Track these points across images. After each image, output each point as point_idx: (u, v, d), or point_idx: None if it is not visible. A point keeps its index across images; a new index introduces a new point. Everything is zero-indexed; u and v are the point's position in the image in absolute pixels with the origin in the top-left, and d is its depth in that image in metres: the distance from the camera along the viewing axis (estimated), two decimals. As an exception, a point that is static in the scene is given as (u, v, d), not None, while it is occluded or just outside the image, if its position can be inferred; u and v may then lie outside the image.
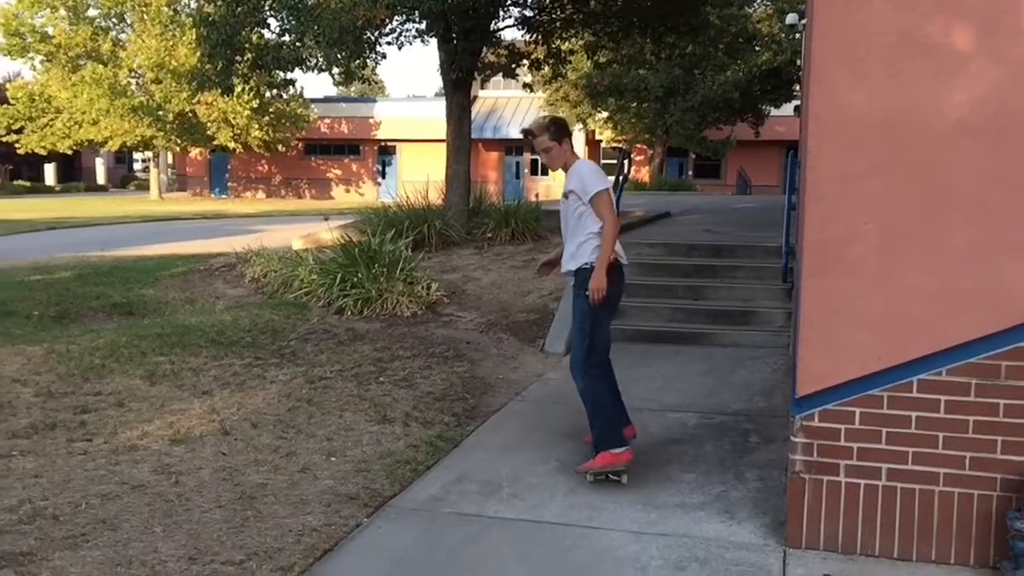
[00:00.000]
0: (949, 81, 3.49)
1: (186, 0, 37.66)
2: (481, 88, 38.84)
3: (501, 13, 12.70)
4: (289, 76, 28.28)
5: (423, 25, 12.34)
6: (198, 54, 19.00)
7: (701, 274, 9.11)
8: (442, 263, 10.49)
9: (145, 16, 37.26)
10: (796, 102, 28.58)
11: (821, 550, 3.77)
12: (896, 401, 3.64)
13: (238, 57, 12.67)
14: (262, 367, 6.70)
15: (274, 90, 35.50)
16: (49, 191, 47.41)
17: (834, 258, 3.65)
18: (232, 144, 38.46)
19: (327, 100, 45.93)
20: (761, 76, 29.43)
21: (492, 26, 12.42)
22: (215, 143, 38.71)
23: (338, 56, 12.58)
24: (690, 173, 40.28)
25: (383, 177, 43.81)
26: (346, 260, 9.12)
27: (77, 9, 38.31)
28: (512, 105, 40.14)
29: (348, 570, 3.67)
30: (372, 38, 12.23)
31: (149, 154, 43.47)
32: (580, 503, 4.33)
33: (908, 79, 3.52)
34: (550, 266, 5.21)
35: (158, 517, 4.02)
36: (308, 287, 9.24)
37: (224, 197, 44.57)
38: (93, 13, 39.05)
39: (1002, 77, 3.44)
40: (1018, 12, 3.41)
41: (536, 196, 23.95)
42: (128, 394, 5.94)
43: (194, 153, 44.10)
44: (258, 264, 10.75)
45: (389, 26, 12.33)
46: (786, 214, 8.79)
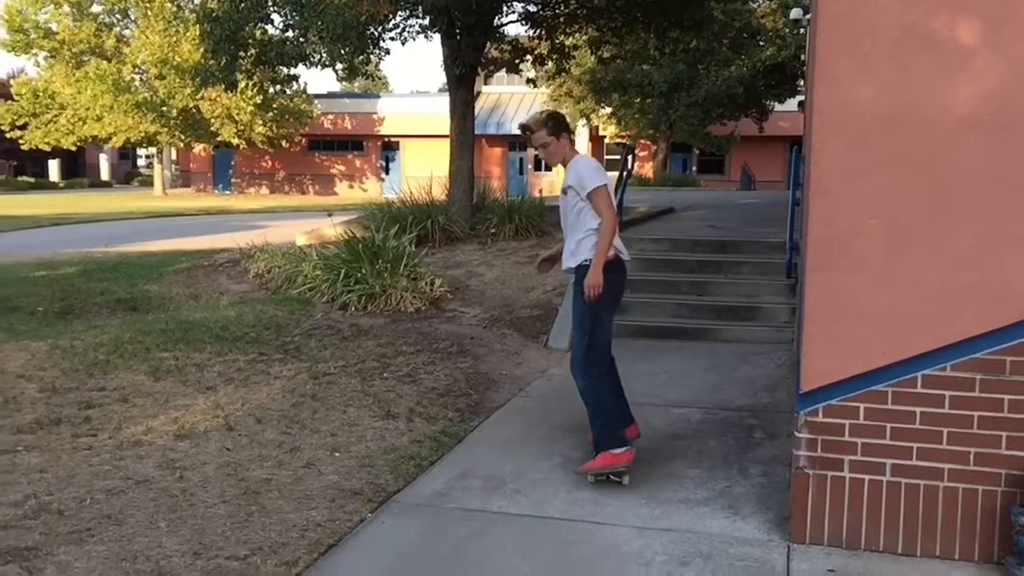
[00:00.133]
0: (954, 76, 3.48)
1: (189, -4, 37.71)
2: (484, 84, 38.77)
3: (505, 8, 12.70)
4: (293, 72, 28.36)
5: (426, 20, 12.35)
6: (202, 50, 18.98)
7: (705, 270, 9.10)
8: (446, 259, 10.49)
9: (149, 12, 37.24)
10: (800, 97, 28.52)
11: (825, 545, 3.77)
12: (900, 397, 3.64)
13: (242, 53, 12.69)
14: (266, 363, 6.71)
15: (278, 86, 35.43)
16: (53, 187, 47.41)
17: (838, 254, 3.65)
18: (236, 140, 38.45)
19: (330, 96, 45.85)
20: (765, 71, 29.41)
21: (496, 21, 12.43)
22: (219, 139, 38.71)
23: (342, 52, 12.59)
24: (694, 169, 40.20)
25: (387, 173, 43.77)
26: (350, 256, 9.13)
27: (81, 5, 38.32)
28: (516, 101, 40.05)
29: (352, 565, 3.67)
30: (376, 33, 12.25)
31: (153, 150, 43.52)
32: (584, 499, 4.33)
33: (913, 74, 3.51)
34: (550, 263, 5.12)
35: (163, 512, 4.03)
36: (312, 283, 9.26)
37: (228, 193, 44.56)
38: (97, 9, 39.05)
39: (1007, 73, 3.43)
40: (1024, 7, 3.41)
41: (540, 192, 23.98)
42: (132, 390, 5.95)
43: (198, 149, 44.10)
44: (262, 260, 10.77)
45: (393, 21, 12.36)
46: (790, 210, 8.78)
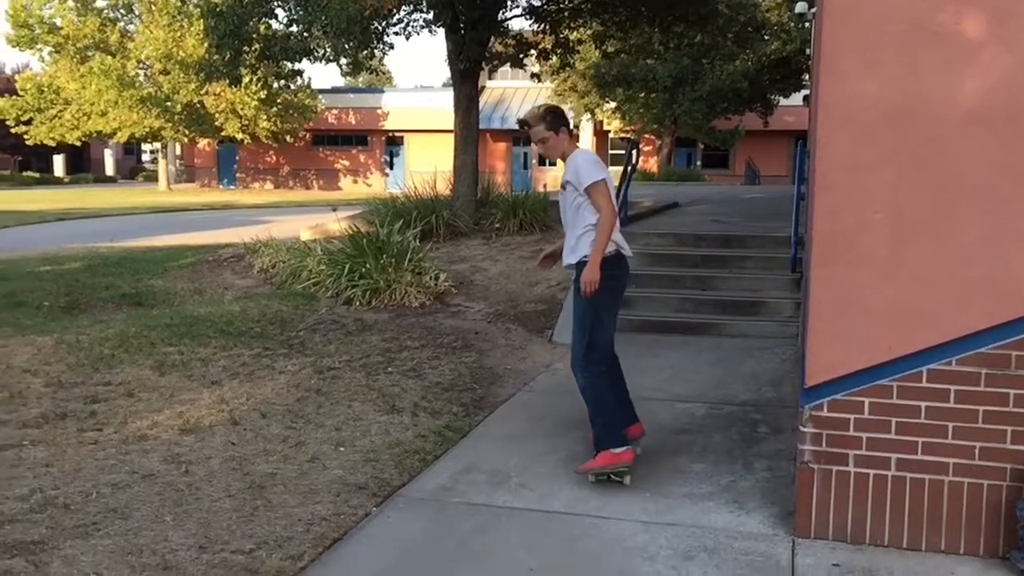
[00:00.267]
0: (960, 70, 3.46)
1: (193, -9, 37.73)
2: (489, 78, 38.81)
3: (509, 3, 12.67)
4: (297, 67, 28.33)
5: (431, 15, 12.33)
6: (206, 45, 19.03)
7: (709, 264, 9.09)
8: (450, 253, 10.49)
9: (153, 7, 37.29)
10: (805, 92, 28.45)
11: (830, 540, 3.77)
12: (906, 391, 3.63)
13: (246, 48, 12.69)
14: (271, 357, 6.72)
15: (282, 81, 35.50)
16: (58, 182, 47.55)
17: (844, 248, 3.64)
18: (240, 135, 38.51)
19: (335, 91, 45.90)
20: (770, 66, 29.29)
21: (500, 16, 12.39)
22: (223, 134, 38.78)
23: (345, 46, 12.57)
24: (698, 163, 40.16)
25: (391, 168, 43.79)
26: (354, 251, 9.14)
27: (85, 0, 38.36)
28: (520, 95, 40.01)
29: (357, 559, 3.68)
30: (379, 28, 12.22)
31: (157, 145, 43.54)
32: (588, 493, 4.33)
33: (919, 68, 3.50)
34: (552, 259, 5.03)
35: (168, 506, 4.04)
36: (316, 278, 9.26)
37: (232, 188, 44.63)
38: (101, 4, 39.12)
39: (1014, 65, 3.42)
40: (1031, 0, 3.39)
41: (544, 187, 23.92)
42: (138, 384, 5.97)
43: (202, 144, 44.19)
44: (266, 255, 10.77)
45: (397, 16, 12.33)
46: (795, 204, 8.76)
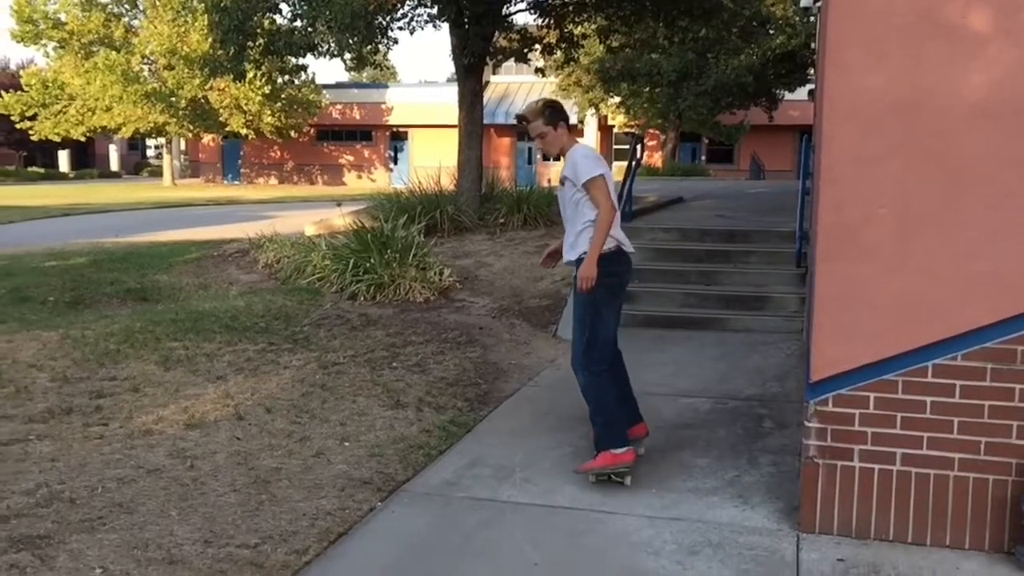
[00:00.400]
0: (967, 63, 3.45)
1: (198, -14, 37.71)
2: (493, 73, 38.74)
3: (513, -2, 12.65)
4: (301, 62, 28.39)
5: (435, 10, 12.33)
6: (210, 40, 19.04)
7: (714, 259, 9.07)
8: (454, 249, 10.49)
9: (157, 2, 37.29)
10: (810, 86, 28.33)
11: (835, 535, 3.77)
12: (911, 386, 3.63)
13: (250, 43, 12.69)
14: (276, 352, 6.73)
15: (286, 76, 35.57)
16: (63, 177, 47.67)
17: (849, 242, 3.63)
18: (244, 130, 38.54)
19: (339, 86, 45.91)
20: (775, 60, 29.21)
21: (504, 10, 12.37)
22: (227, 129, 38.81)
23: (350, 41, 12.57)
24: (703, 158, 40.10)
25: (395, 163, 43.82)
26: (359, 246, 9.14)
27: (89, -4, 38.41)
28: (524, 90, 39.95)
29: (362, 554, 3.69)
30: (384, 23, 12.23)
31: (162, 140, 43.64)
32: (593, 488, 4.33)
33: (925, 61, 3.49)
34: (554, 257, 4.95)
35: (174, 501, 4.05)
36: (321, 273, 9.27)
37: (237, 183, 44.68)
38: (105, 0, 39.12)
39: (1020, 59, 3.40)
40: (1037, -7, 3.37)
41: (548, 182, 23.93)
42: (143, 379, 5.98)
43: (207, 139, 44.23)
44: (271, 250, 10.79)
45: (401, 11, 12.34)
46: (800, 199, 8.75)
